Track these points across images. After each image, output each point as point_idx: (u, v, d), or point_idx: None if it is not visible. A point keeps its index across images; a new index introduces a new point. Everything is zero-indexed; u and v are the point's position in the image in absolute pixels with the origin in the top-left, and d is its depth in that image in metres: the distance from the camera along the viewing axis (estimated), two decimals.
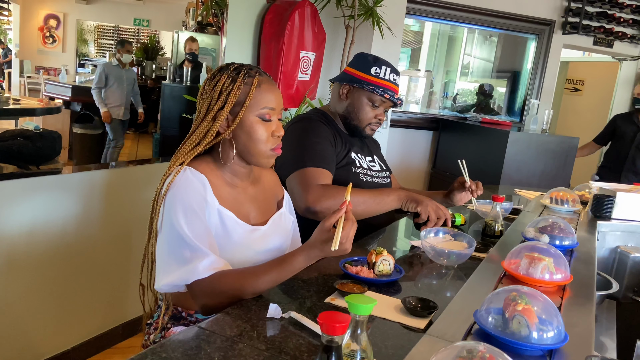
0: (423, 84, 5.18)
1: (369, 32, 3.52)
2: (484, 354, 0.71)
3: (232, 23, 2.96)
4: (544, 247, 1.29)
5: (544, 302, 0.96)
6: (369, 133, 1.90)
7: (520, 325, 0.91)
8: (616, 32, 4.69)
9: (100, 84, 2.64)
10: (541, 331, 0.91)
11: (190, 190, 1.19)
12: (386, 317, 1.12)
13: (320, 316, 0.71)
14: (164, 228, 1.18)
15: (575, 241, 1.61)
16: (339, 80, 1.89)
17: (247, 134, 1.26)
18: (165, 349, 0.90)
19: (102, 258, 2.45)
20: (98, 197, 2.39)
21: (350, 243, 1.18)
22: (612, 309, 1.93)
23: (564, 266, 1.25)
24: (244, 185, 1.35)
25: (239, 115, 1.24)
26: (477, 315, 1.00)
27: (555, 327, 0.93)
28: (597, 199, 2.14)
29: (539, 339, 0.91)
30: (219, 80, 1.26)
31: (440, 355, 0.75)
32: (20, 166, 2.15)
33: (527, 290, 0.97)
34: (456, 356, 0.72)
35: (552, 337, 0.92)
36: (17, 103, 2.37)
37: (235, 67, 1.28)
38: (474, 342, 0.78)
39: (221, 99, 1.25)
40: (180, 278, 1.14)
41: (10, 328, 2.11)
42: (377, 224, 1.85)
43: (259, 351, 0.92)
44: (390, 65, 1.85)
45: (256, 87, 1.25)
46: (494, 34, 5.12)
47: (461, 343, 0.77)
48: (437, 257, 1.50)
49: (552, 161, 3.79)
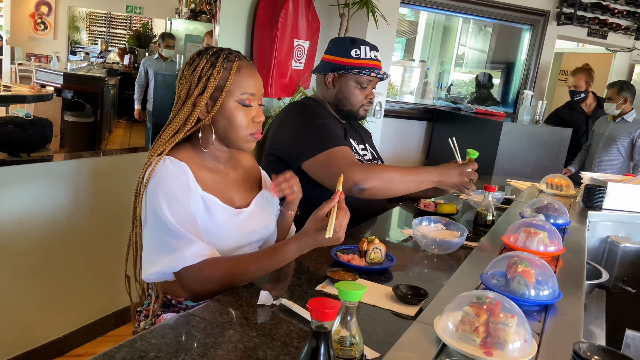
0: (417, 75, 5.17)
1: (363, 21, 3.51)
2: (491, 299, 0.87)
3: (225, 10, 2.93)
4: (540, 223, 1.43)
5: (541, 265, 1.11)
6: (363, 114, 1.91)
7: (520, 284, 1.07)
8: (610, 23, 4.69)
9: (140, 81, 2.64)
10: (538, 289, 1.07)
11: (171, 180, 1.18)
12: (377, 304, 1.12)
13: (310, 302, 0.71)
14: (148, 219, 1.17)
15: (568, 220, 1.74)
16: (321, 71, 1.89)
17: (227, 120, 1.25)
18: (155, 335, 0.90)
19: (93, 246, 2.44)
20: (89, 185, 2.37)
21: (344, 232, 1.18)
22: (602, 299, 1.95)
23: (557, 239, 1.40)
24: (225, 169, 1.34)
25: (218, 100, 1.23)
26: (482, 277, 1.15)
27: (550, 286, 1.09)
28: (589, 190, 2.15)
29: (536, 295, 1.06)
30: (198, 65, 1.24)
31: (453, 303, 0.91)
32: (10, 153, 2.13)
33: (527, 256, 1.13)
34: (468, 302, 0.88)
35: (547, 294, 1.08)
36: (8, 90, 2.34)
37: (215, 51, 1.26)
38: (482, 291, 0.94)
39: (200, 84, 1.23)
40: (168, 266, 1.14)
41: (1, 316, 2.10)
42: (369, 213, 1.85)
43: (249, 337, 0.93)
44: (367, 43, 1.85)
45: (235, 72, 1.24)
46: (489, 24, 5.11)
47: (470, 292, 0.92)
48: (428, 246, 1.51)
49: (545, 152, 3.80)
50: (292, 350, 0.90)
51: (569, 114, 4.23)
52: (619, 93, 3.64)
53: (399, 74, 5.17)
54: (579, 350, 0.70)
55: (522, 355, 0.83)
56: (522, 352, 0.84)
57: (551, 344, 0.94)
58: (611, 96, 3.68)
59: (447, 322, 0.89)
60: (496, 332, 0.84)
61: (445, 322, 0.89)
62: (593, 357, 0.70)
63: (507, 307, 0.87)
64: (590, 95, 4.16)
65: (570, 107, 4.24)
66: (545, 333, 0.98)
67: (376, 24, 3.39)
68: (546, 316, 1.05)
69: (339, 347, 0.79)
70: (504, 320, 0.84)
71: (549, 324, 1.02)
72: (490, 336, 0.84)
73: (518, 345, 0.83)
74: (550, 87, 5.75)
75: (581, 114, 4.17)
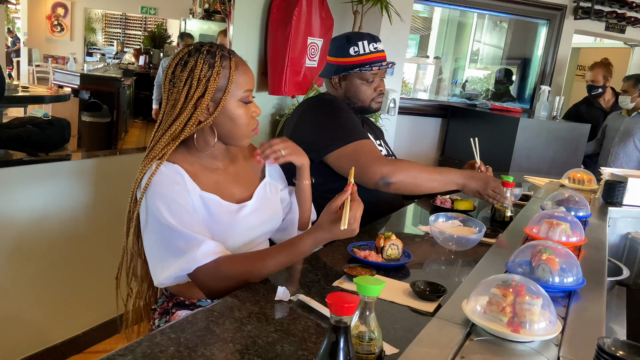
0: (432, 71, 5.13)
1: (377, 18, 3.49)
2: (517, 282, 0.92)
3: (239, 10, 2.94)
4: (561, 215, 1.47)
5: (565, 253, 1.15)
6: (376, 107, 1.90)
7: (544, 271, 1.11)
8: (628, 17, 4.60)
9: (159, 81, 2.67)
10: (562, 276, 1.11)
11: (166, 185, 1.16)
12: (395, 300, 1.11)
13: (329, 297, 0.71)
14: (149, 226, 1.16)
15: (589, 212, 1.76)
16: (327, 75, 1.89)
17: (230, 119, 1.23)
18: (175, 330, 0.91)
19: (111, 243, 2.46)
20: (107, 183, 2.40)
21: (358, 224, 1.17)
22: (622, 296, 1.92)
23: (579, 230, 1.43)
24: (224, 165, 1.32)
25: (221, 101, 1.20)
26: (507, 265, 1.18)
27: (574, 273, 1.13)
28: (609, 185, 2.12)
29: (560, 282, 1.11)
30: (195, 66, 1.19)
31: (480, 287, 0.96)
32: (29, 153, 2.16)
33: (550, 244, 1.17)
34: (495, 285, 0.93)
35: (571, 281, 1.12)
36: (26, 91, 2.37)
37: (207, 49, 1.22)
38: (508, 275, 0.99)
39: (200, 86, 1.19)
40: (180, 268, 1.13)
41: (21, 313, 2.13)
42: (385, 210, 1.84)
43: (267, 333, 0.93)
44: (364, 37, 1.82)
45: (235, 70, 1.21)
46: (504, 20, 5.05)
47: (496, 276, 0.98)
48: (445, 243, 1.49)
49: (563, 148, 3.75)
50: (310, 346, 0.89)
51: (586, 109, 4.15)
52: (635, 86, 3.58)
53: (412, 71, 5.13)
54: (603, 345, 0.68)
55: (547, 333, 0.88)
56: (547, 331, 0.88)
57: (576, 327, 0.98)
58: (627, 89, 3.62)
59: (476, 305, 0.94)
60: (522, 312, 0.89)
61: (474, 304, 0.94)
62: (618, 352, 0.69)
63: (532, 289, 0.92)
64: (609, 91, 4.08)
65: (588, 102, 4.17)
66: (570, 317, 1.02)
67: (390, 21, 3.37)
68: (570, 302, 1.09)
69: (358, 342, 0.79)
70: (529, 301, 0.89)
71: (573, 310, 1.05)
72: (517, 316, 0.88)
73: (543, 325, 0.88)
74: (567, 83, 5.67)
75: (599, 109, 4.10)
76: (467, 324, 0.92)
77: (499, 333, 0.88)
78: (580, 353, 0.88)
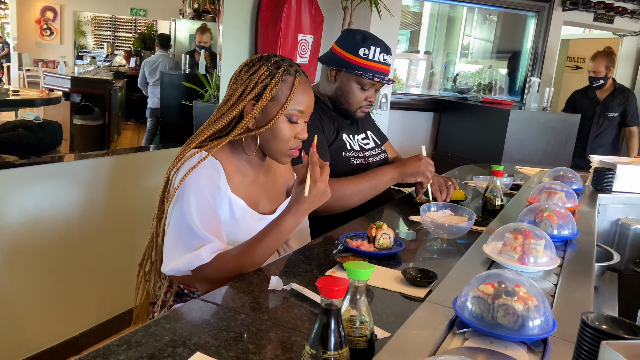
0: (423, 66, 5.15)
1: (366, 14, 3.50)
2: (525, 228, 1.20)
3: (229, 8, 2.94)
4: (558, 187, 1.74)
5: (563, 213, 1.44)
6: (360, 115, 1.86)
7: (546, 225, 1.39)
8: (616, 7, 4.64)
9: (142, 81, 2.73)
10: (560, 229, 1.40)
11: (205, 178, 1.20)
12: (387, 287, 1.13)
13: (319, 280, 0.73)
14: (174, 214, 1.19)
15: (581, 185, 2.07)
16: (326, 62, 1.83)
17: (271, 131, 1.26)
18: (169, 320, 0.92)
19: (106, 244, 2.47)
20: (100, 184, 2.40)
21: (327, 185, 1.19)
22: (614, 281, 1.94)
23: (573, 198, 1.72)
24: (256, 174, 1.36)
25: (270, 112, 1.24)
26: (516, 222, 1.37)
27: (570, 227, 1.42)
28: (598, 172, 2.14)
29: (558, 234, 1.40)
30: (257, 71, 1.24)
31: (494, 234, 1.25)
32: (21, 157, 2.16)
33: (550, 205, 1.47)
34: (509, 230, 1.20)
35: (567, 233, 1.41)
36: (17, 94, 2.37)
37: (276, 60, 1.26)
38: (518, 223, 1.25)
39: (255, 90, 1.23)
40: (186, 263, 1.16)
41: (17, 316, 2.14)
42: (376, 202, 1.85)
43: (261, 321, 0.94)
44: (379, 44, 1.76)
45: (292, 87, 1.24)
46: (494, 13, 5.08)
47: (510, 224, 1.25)
48: (437, 231, 1.51)
49: (554, 139, 3.78)
50: (304, 332, 0.91)
51: (579, 99, 4.09)
52: None
53: (404, 67, 5.15)
54: (586, 319, 0.70)
55: (549, 265, 1.17)
56: (549, 264, 1.18)
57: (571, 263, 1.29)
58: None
59: (493, 247, 1.23)
60: (529, 250, 1.17)
61: (493, 247, 1.23)
62: (602, 326, 0.70)
63: (537, 233, 1.20)
64: (610, 82, 3.95)
65: (584, 92, 4.09)
66: (567, 256, 1.32)
67: (380, 16, 3.39)
68: (567, 248, 1.39)
69: (350, 326, 0.80)
70: (535, 242, 1.17)
71: (569, 252, 1.36)
72: (525, 253, 1.17)
73: (545, 260, 1.18)
74: (557, 74, 5.70)
75: (592, 99, 4.01)
76: None
77: (512, 266, 1.15)
78: (575, 278, 1.17)
